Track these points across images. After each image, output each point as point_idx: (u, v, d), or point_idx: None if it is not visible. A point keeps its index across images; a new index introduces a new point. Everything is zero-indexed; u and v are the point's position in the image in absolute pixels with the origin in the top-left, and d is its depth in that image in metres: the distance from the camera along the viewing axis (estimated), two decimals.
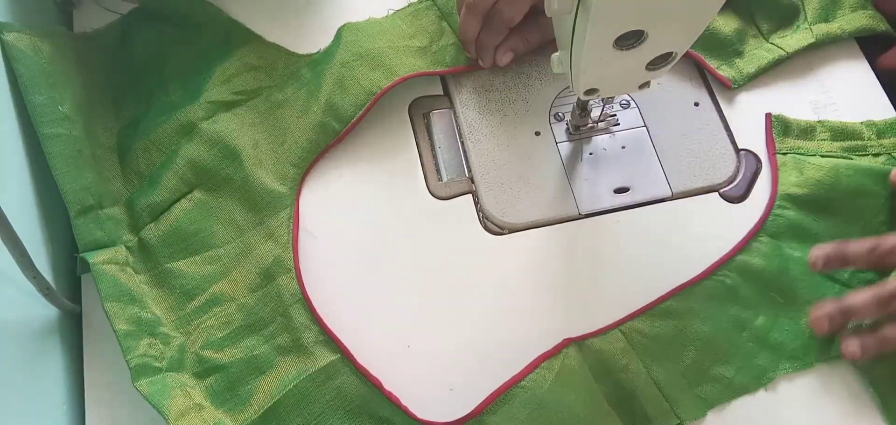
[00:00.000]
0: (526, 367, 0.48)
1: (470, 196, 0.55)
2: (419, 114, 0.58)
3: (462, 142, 0.57)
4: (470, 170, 0.56)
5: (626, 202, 0.55)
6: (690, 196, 0.55)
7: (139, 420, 0.47)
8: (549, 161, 0.56)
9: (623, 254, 0.53)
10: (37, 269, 0.44)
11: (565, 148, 0.57)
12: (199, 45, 0.57)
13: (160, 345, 0.47)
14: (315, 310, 0.48)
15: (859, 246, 0.49)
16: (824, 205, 0.53)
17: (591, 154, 0.57)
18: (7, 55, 0.50)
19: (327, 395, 0.46)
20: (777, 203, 0.53)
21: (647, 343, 0.49)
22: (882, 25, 0.61)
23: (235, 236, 0.51)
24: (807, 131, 0.57)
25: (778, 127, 0.57)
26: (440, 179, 0.56)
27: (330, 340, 0.48)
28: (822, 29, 0.60)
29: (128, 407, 0.47)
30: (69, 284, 0.51)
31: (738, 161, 0.57)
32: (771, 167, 0.55)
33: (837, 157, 0.55)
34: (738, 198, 0.55)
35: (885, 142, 0.56)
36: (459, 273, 0.52)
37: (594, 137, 0.57)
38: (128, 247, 0.50)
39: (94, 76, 0.55)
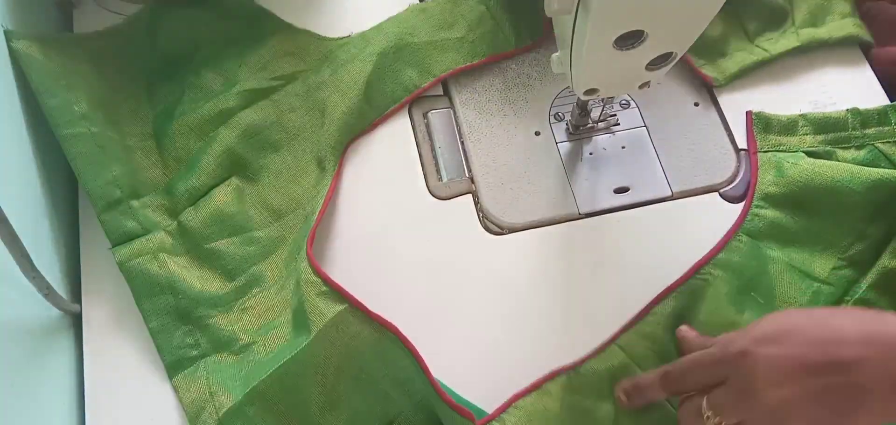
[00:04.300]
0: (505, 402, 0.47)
1: (470, 196, 0.55)
2: (419, 114, 0.58)
3: (462, 142, 0.57)
4: (470, 170, 0.56)
5: (626, 202, 0.55)
6: (690, 196, 0.55)
7: (139, 420, 0.47)
8: (549, 161, 0.56)
9: (623, 255, 0.53)
10: (37, 269, 0.44)
11: (565, 148, 0.57)
12: (230, 31, 0.57)
13: (197, 333, 0.48)
14: (317, 264, 0.48)
15: (650, 376, 0.46)
16: (801, 203, 0.52)
17: (591, 154, 0.57)
18: (18, 63, 0.50)
19: (340, 350, 0.46)
20: (755, 202, 0.53)
21: (646, 351, 0.49)
22: (867, 36, 0.61)
23: (272, 220, 0.52)
24: (788, 127, 0.56)
25: (759, 124, 0.57)
26: (440, 179, 0.56)
27: (334, 291, 0.47)
28: (809, 33, 0.60)
29: (128, 407, 0.47)
30: (69, 284, 0.51)
31: (738, 161, 0.57)
32: (751, 166, 0.55)
33: (818, 155, 0.55)
34: (738, 197, 0.55)
35: (870, 131, 0.56)
36: (459, 273, 0.52)
37: (594, 137, 0.57)
38: (167, 231, 0.50)
39: (121, 67, 0.55)
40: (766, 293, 0.51)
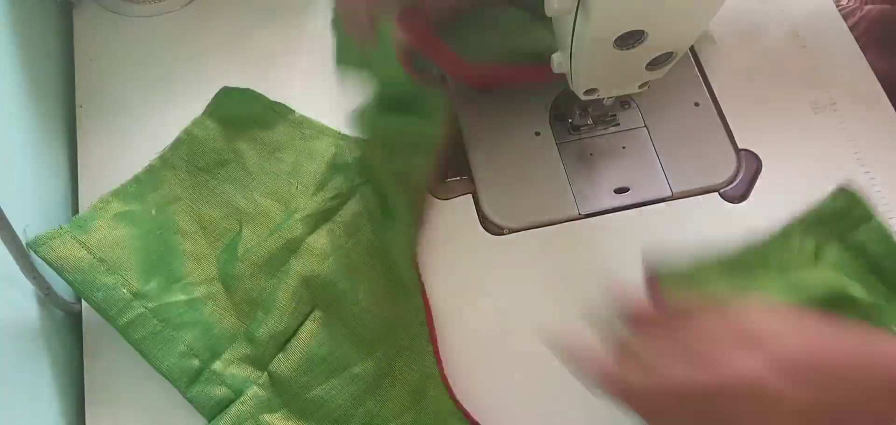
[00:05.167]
0: None
1: (470, 196, 0.55)
2: None
3: (462, 143, 0.57)
4: (470, 171, 0.56)
5: (626, 202, 0.55)
6: (690, 196, 0.55)
7: (139, 420, 0.47)
8: (549, 161, 0.56)
9: (623, 254, 0.53)
10: (37, 269, 0.44)
11: (565, 148, 0.57)
12: (272, 141, 0.55)
13: None
14: (475, 419, 0.47)
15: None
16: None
17: (591, 154, 0.57)
18: (51, 266, 0.47)
19: None
20: None
21: None
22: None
23: (368, 352, 0.48)
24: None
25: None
26: (440, 179, 0.56)
27: None
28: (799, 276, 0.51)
29: (128, 407, 0.47)
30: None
31: (738, 161, 0.57)
32: None
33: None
34: (738, 197, 0.55)
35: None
36: (459, 273, 0.52)
37: (594, 137, 0.58)
38: (259, 384, 0.47)
39: (163, 212, 0.51)
40: None
